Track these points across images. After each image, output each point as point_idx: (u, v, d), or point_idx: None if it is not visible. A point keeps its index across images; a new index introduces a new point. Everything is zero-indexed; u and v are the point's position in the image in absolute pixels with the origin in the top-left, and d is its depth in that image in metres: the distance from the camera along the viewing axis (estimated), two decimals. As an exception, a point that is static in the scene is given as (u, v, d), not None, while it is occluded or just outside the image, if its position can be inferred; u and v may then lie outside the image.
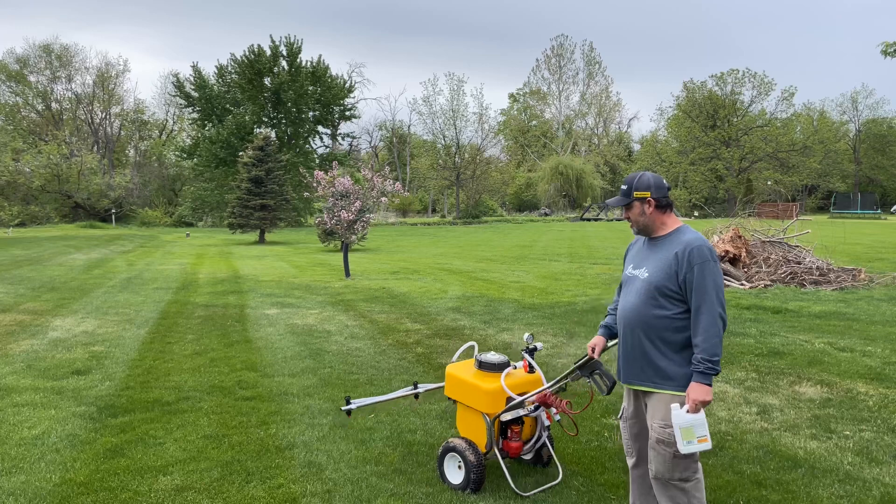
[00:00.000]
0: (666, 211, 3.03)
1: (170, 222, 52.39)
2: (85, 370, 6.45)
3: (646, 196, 3.00)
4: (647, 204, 3.01)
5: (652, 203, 3.00)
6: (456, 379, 3.87)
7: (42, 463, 4.17)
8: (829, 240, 19.05)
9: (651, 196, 3.00)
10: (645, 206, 3.01)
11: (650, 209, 3.01)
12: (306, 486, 3.82)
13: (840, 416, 4.96)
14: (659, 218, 3.03)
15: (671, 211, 3.05)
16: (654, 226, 3.04)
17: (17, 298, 11.45)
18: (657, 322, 2.92)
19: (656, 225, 3.04)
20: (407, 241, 30.87)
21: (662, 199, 3.01)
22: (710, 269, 2.82)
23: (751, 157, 64.93)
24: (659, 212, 3.02)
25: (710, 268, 2.82)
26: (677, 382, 2.88)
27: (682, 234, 2.98)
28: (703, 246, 2.86)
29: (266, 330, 8.53)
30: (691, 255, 2.84)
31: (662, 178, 3.07)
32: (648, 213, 3.02)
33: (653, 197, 3.00)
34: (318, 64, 49.59)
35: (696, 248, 2.85)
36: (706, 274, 2.81)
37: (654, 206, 3.01)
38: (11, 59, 57.49)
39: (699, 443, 2.75)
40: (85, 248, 25.54)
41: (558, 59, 71.57)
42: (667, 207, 3.03)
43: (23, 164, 43.17)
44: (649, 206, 3.01)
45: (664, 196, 3.01)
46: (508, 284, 13.14)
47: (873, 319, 8.63)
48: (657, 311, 2.92)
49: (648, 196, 3.00)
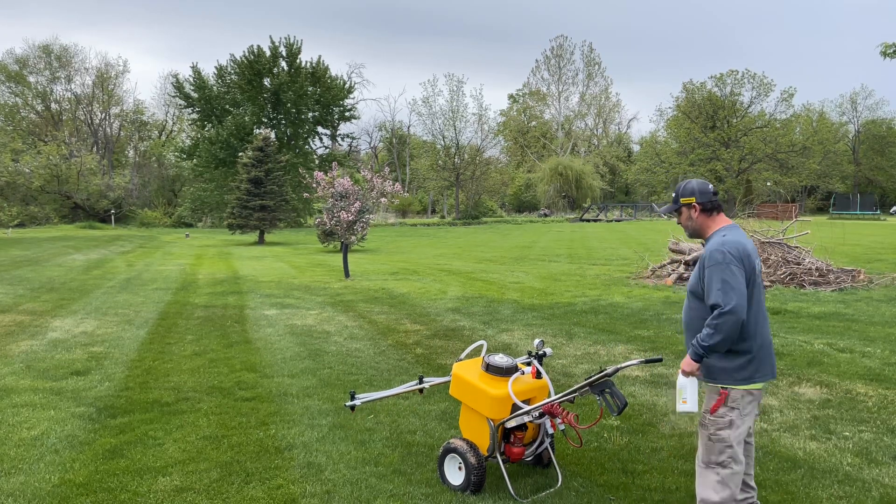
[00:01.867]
0: (712, 214, 3.25)
1: (169, 223, 52.39)
2: (84, 371, 6.45)
3: (691, 202, 3.25)
4: (692, 209, 3.26)
5: (697, 208, 3.24)
6: (462, 380, 3.83)
7: (41, 464, 4.17)
8: (828, 241, 19.05)
9: (696, 201, 3.24)
10: (691, 211, 3.26)
11: (696, 213, 3.26)
12: (305, 487, 3.81)
13: (839, 416, 4.96)
14: (705, 221, 3.26)
15: (718, 213, 3.26)
16: (702, 229, 3.28)
17: (17, 299, 11.45)
18: (692, 322, 3.21)
19: (704, 228, 3.28)
20: (406, 242, 30.88)
21: (707, 203, 3.23)
22: (717, 272, 3.01)
23: (750, 157, 64.93)
24: (705, 215, 3.25)
25: (718, 270, 3.01)
26: (715, 376, 3.11)
27: (714, 237, 3.19)
28: (716, 250, 3.05)
29: (265, 331, 8.53)
30: (706, 259, 3.10)
31: (708, 183, 3.29)
32: (696, 218, 3.26)
33: (698, 202, 3.23)
34: (318, 65, 49.61)
35: (709, 252, 3.09)
36: (713, 276, 3.02)
37: (700, 211, 3.24)
38: (11, 60, 57.51)
39: (682, 403, 3.12)
40: (84, 248, 25.53)
41: (558, 60, 71.59)
42: (713, 210, 3.24)
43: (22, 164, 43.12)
44: (695, 211, 3.25)
45: (709, 200, 3.23)
46: (508, 285, 13.14)
47: (872, 320, 8.64)
48: (691, 312, 3.24)
49: (693, 201, 3.24)
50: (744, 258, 3.05)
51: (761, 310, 3.14)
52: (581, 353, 7.10)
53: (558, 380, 5.99)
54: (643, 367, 6.36)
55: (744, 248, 3.07)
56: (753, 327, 3.07)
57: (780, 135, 64.38)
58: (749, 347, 3.05)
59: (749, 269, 3.06)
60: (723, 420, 3.07)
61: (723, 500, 3.07)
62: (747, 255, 3.07)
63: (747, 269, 3.05)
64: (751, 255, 3.10)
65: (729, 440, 3.06)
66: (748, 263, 3.06)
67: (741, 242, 3.09)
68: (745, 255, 3.06)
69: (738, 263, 3.01)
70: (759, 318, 3.12)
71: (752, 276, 3.08)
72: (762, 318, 3.14)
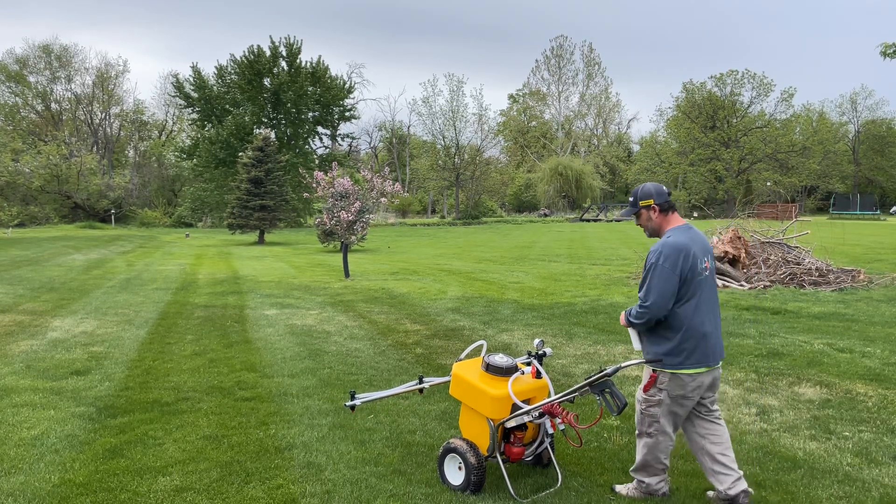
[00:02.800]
0: (668, 214, 3.53)
1: (169, 223, 52.40)
2: (84, 371, 6.45)
3: (650, 203, 3.52)
4: (652, 210, 3.53)
5: (656, 209, 3.52)
6: (462, 380, 3.83)
7: (41, 464, 4.17)
8: (828, 241, 19.06)
9: (654, 203, 3.51)
10: (651, 212, 3.54)
11: (656, 214, 3.53)
12: (305, 487, 3.81)
13: (839, 416, 4.96)
14: (663, 221, 3.54)
15: (673, 213, 3.54)
16: (660, 228, 3.55)
17: (17, 299, 11.45)
18: None
19: (662, 227, 3.54)
20: (406, 242, 30.88)
21: (664, 203, 3.51)
22: (649, 272, 3.38)
23: (750, 157, 64.93)
24: (663, 215, 3.53)
25: (651, 270, 3.37)
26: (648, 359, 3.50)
27: (665, 237, 3.48)
28: (653, 252, 3.41)
29: (265, 330, 8.53)
30: (648, 257, 3.44)
31: (662, 185, 3.56)
32: (655, 218, 3.54)
33: (656, 203, 3.51)
34: (318, 64, 49.61)
35: (650, 253, 3.44)
36: (646, 275, 3.40)
37: (659, 211, 3.52)
38: (11, 60, 57.52)
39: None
40: (84, 248, 25.53)
41: (558, 60, 71.58)
42: (669, 210, 3.52)
43: (22, 164, 43.13)
44: (654, 212, 3.53)
45: (665, 201, 3.50)
46: (508, 285, 13.14)
47: (872, 320, 8.64)
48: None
49: (652, 203, 3.52)
50: (681, 260, 3.32)
51: (704, 302, 3.41)
52: (581, 353, 7.10)
53: (558, 380, 5.99)
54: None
55: (683, 250, 3.34)
56: (685, 320, 3.37)
57: (780, 135, 64.38)
58: (677, 337, 3.38)
59: (687, 269, 3.34)
60: (653, 399, 3.49)
61: (646, 460, 3.56)
62: (686, 256, 3.34)
63: (683, 270, 3.33)
64: (693, 254, 3.35)
65: (657, 416, 3.49)
66: (686, 264, 3.33)
67: (682, 244, 3.36)
68: (683, 257, 3.33)
69: (672, 266, 3.31)
70: (699, 311, 3.39)
71: (692, 274, 3.36)
72: (704, 310, 3.41)
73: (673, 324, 3.40)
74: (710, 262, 3.50)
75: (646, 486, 3.61)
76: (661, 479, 3.62)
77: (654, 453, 3.54)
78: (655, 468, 3.59)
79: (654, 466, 3.58)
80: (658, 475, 3.60)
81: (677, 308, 3.38)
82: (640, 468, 3.63)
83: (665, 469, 3.62)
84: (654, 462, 3.57)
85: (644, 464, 3.59)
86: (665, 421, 3.50)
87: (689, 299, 3.38)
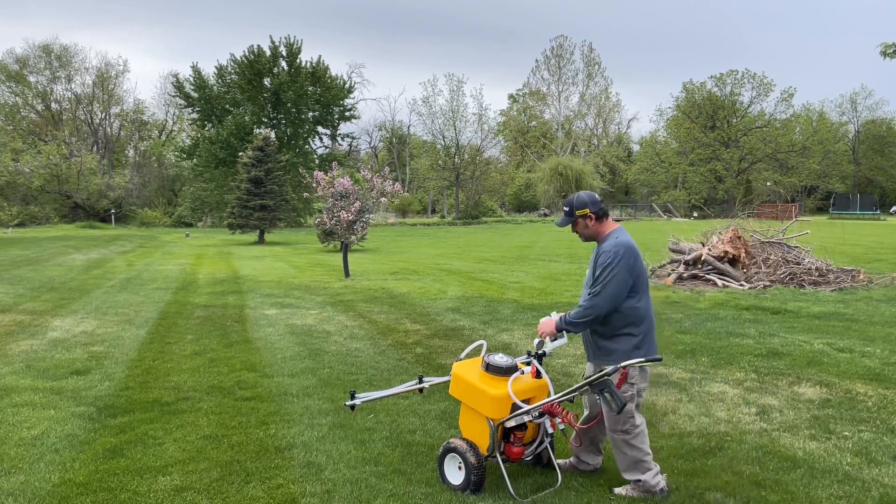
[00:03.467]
0: (603, 220, 3.73)
1: (169, 222, 52.38)
2: (84, 370, 6.45)
3: (586, 212, 3.70)
4: (588, 219, 3.71)
5: (592, 217, 3.70)
6: (462, 379, 3.84)
7: (41, 463, 4.17)
8: (828, 241, 19.07)
9: (590, 211, 3.69)
10: (587, 220, 3.72)
11: (592, 222, 3.72)
12: (305, 487, 3.81)
13: (839, 416, 4.97)
14: (599, 227, 3.73)
15: (607, 219, 3.75)
16: (597, 234, 3.75)
17: (17, 299, 11.45)
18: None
19: (598, 233, 3.74)
20: (406, 242, 30.88)
21: (599, 211, 3.70)
22: (606, 269, 3.54)
23: (750, 157, 64.94)
24: (598, 222, 3.72)
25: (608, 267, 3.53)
26: (616, 358, 3.57)
27: (609, 238, 3.67)
28: (608, 251, 3.58)
29: (265, 330, 8.53)
30: (601, 256, 3.62)
31: (595, 194, 3.78)
32: (591, 225, 3.73)
33: (592, 212, 3.69)
34: (318, 64, 49.59)
35: (605, 251, 3.61)
36: (603, 271, 3.55)
37: (595, 219, 3.71)
38: (11, 60, 57.50)
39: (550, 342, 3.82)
40: (84, 248, 25.53)
41: (558, 60, 71.48)
42: (603, 217, 3.73)
43: (22, 164, 43.10)
44: (591, 220, 3.71)
45: (600, 209, 3.71)
46: (508, 285, 13.14)
47: (872, 320, 8.64)
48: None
49: (588, 212, 3.69)
50: (632, 258, 3.56)
51: (648, 295, 3.68)
52: (581, 353, 7.09)
53: (558, 379, 6.00)
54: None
55: (633, 248, 3.60)
56: (645, 313, 3.61)
57: (780, 135, 64.40)
58: (640, 330, 3.59)
59: (639, 267, 3.59)
60: (626, 395, 3.57)
61: (633, 458, 3.63)
62: (637, 255, 3.60)
63: (636, 268, 3.57)
64: (637, 254, 3.63)
65: (631, 411, 3.62)
66: (637, 263, 3.59)
67: (632, 243, 3.62)
68: (634, 255, 3.57)
69: (626, 263, 3.52)
70: (650, 304, 3.67)
71: (641, 268, 3.61)
72: (650, 304, 3.68)
73: (635, 319, 3.60)
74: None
75: (643, 484, 3.62)
76: (656, 473, 3.65)
77: (637, 447, 3.62)
78: (645, 462, 3.63)
79: (643, 460, 3.62)
80: (651, 468, 3.63)
81: (637, 303, 3.60)
82: (630, 468, 3.65)
83: (652, 457, 3.68)
84: (641, 456, 3.62)
85: (633, 462, 3.63)
86: (636, 414, 3.68)
87: (644, 294, 3.63)
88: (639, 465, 3.62)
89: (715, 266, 12.42)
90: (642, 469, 3.62)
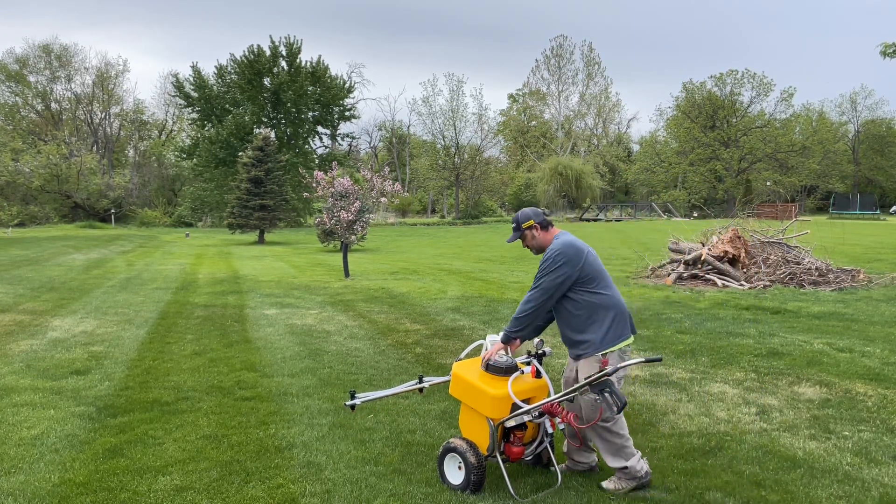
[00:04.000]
0: (548, 229, 3.93)
1: (169, 222, 52.37)
2: (84, 370, 6.45)
3: (531, 224, 3.92)
4: (534, 229, 3.92)
5: (538, 227, 3.92)
6: (462, 379, 3.84)
7: (41, 463, 4.17)
8: (828, 240, 19.06)
9: (535, 222, 3.91)
10: (533, 230, 3.93)
11: (538, 232, 3.92)
12: (305, 487, 3.81)
13: (839, 416, 4.97)
14: (545, 236, 3.92)
15: (552, 227, 3.96)
16: (544, 242, 3.92)
17: (17, 298, 11.45)
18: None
19: (545, 241, 3.92)
20: (406, 242, 30.88)
21: (543, 221, 3.93)
22: (544, 270, 3.73)
23: (750, 157, 64.93)
24: (544, 232, 3.93)
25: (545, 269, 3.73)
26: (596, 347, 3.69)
27: (553, 243, 3.84)
28: (548, 251, 3.78)
29: (265, 330, 8.53)
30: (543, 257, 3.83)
31: (536, 207, 4.09)
32: (538, 236, 3.92)
33: (536, 223, 3.91)
34: (318, 64, 49.58)
35: (546, 254, 3.81)
36: (541, 272, 3.76)
37: (540, 229, 3.92)
38: (11, 59, 57.45)
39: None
40: (84, 248, 25.53)
41: (558, 60, 71.47)
42: (547, 226, 3.94)
43: (22, 164, 43.11)
44: (536, 230, 3.92)
45: (543, 220, 3.93)
46: (508, 284, 13.14)
47: (872, 320, 8.64)
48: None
49: (533, 223, 3.92)
50: (575, 253, 3.72)
51: (609, 283, 3.82)
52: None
53: (558, 379, 5.98)
54: (643, 366, 6.37)
55: (574, 244, 3.76)
56: (607, 300, 3.73)
57: (780, 134, 64.38)
58: (608, 316, 3.70)
59: (583, 260, 3.73)
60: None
61: (614, 444, 3.70)
62: (577, 249, 3.75)
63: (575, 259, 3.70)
64: (581, 248, 3.77)
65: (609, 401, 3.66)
66: (580, 255, 3.73)
67: (571, 240, 3.80)
68: (576, 251, 3.73)
69: (564, 257, 3.69)
70: (614, 291, 3.80)
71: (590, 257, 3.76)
72: (616, 291, 3.82)
73: (598, 309, 3.72)
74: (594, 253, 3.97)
75: (629, 471, 3.68)
76: (639, 457, 3.73)
77: (617, 433, 3.70)
78: (627, 447, 3.70)
79: (626, 446, 3.70)
80: (634, 453, 3.72)
81: (594, 296, 3.73)
82: (615, 455, 3.71)
83: (632, 441, 3.77)
84: (623, 441, 3.70)
85: (617, 448, 3.70)
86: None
87: (601, 284, 3.75)
88: (622, 450, 3.70)
89: (715, 266, 12.42)
90: (626, 455, 3.70)
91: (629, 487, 3.67)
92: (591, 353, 3.68)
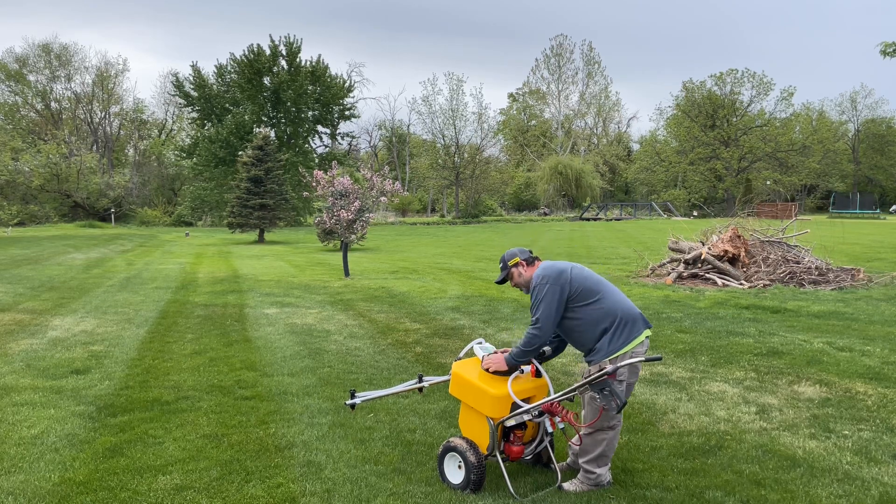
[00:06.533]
0: (533, 264, 3.99)
1: (169, 222, 52.38)
2: (84, 370, 6.45)
3: (517, 261, 3.99)
4: (520, 266, 3.99)
5: (523, 264, 3.98)
6: (462, 379, 3.84)
7: (41, 462, 4.17)
8: (827, 240, 19.07)
9: (520, 259, 3.99)
10: (520, 268, 3.99)
11: (524, 269, 3.98)
12: (305, 486, 3.82)
13: (839, 415, 4.97)
14: (531, 272, 3.96)
15: (537, 262, 4.00)
16: (529, 279, 3.93)
17: (17, 298, 11.45)
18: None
19: (530, 278, 3.93)
20: (406, 241, 30.88)
21: (528, 258, 4.01)
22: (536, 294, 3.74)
23: (750, 156, 64.95)
24: (530, 268, 3.97)
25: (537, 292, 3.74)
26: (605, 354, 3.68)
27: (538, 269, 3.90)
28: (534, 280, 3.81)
29: (265, 329, 8.53)
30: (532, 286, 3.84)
31: (522, 247, 4.11)
32: (524, 272, 3.97)
33: (522, 259, 3.99)
34: (318, 63, 49.59)
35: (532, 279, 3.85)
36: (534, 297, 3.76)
37: (526, 265, 3.98)
38: (11, 59, 57.49)
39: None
40: (84, 247, 25.53)
41: (557, 59, 71.52)
42: (532, 262, 4.00)
43: (22, 163, 43.15)
44: (522, 267, 3.99)
45: (528, 256, 4.01)
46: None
47: (872, 319, 8.64)
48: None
49: (518, 260, 3.99)
50: (556, 273, 3.74)
51: (610, 290, 3.81)
52: (580, 352, 7.10)
53: (558, 378, 6.00)
54: (642, 365, 6.36)
55: (557, 266, 3.79)
56: (609, 308, 3.71)
57: (780, 134, 64.41)
58: (614, 324, 3.68)
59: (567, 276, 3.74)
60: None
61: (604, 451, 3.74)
62: (558, 269, 3.77)
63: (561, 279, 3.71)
64: (562, 267, 3.80)
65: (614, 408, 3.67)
66: (565, 275, 3.74)
67: (554, 264, 3.84)
68: (557, 271, 3.76)
69: (554, 280, 3.70)
70: (614, 297, 3.78)
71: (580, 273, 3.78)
72: (616, 296, 3.79)
73: (602, 319, 3.69)
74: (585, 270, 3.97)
75: (596, 477, 3.73)
76: (609, 468, 3.81)
77: (611, 444, 3.76)
78: (608, 457, 3.77)
79: (608, 455, 3.77)
80: (607, 464, 3.79)
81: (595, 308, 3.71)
82: (596, 459, 3.75)
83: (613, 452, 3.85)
84: (609, 452, 3.76)
85: (601, 454, 3.74)
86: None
87: (601, 294, 3.75)
88: (602, 459, 3.74)
89: (715, 265, 12.42)
90: (602, 463, 3.75)
91: (586, 491, 3.71)
92: (600, 359, 3.69)
